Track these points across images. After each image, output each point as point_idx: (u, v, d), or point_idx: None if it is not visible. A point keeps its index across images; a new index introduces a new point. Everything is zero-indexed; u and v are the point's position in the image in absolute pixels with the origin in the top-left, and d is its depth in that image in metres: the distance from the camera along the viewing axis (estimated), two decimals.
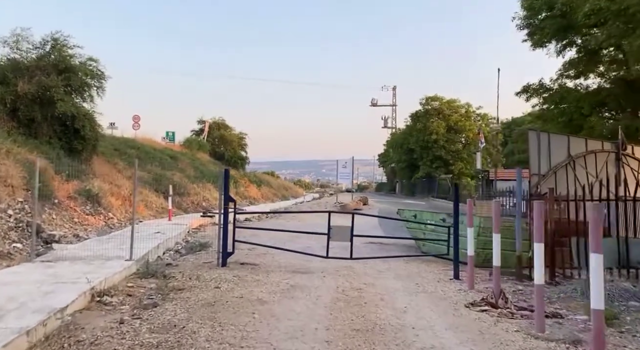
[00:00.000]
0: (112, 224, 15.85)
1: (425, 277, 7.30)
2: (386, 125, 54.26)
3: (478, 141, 27.05)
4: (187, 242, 11.66)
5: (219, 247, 7.63)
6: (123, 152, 22.54)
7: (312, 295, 5.72)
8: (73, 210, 15.02)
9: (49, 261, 7.32)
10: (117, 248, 8.38)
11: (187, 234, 13.33)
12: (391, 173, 49.83)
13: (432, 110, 37.24)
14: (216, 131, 45.72)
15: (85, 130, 17.51)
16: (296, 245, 10.81)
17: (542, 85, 17.70)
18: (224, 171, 7.61)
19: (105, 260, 7.46)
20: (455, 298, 6.04)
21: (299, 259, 8.44)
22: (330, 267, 7.83)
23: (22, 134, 16.30)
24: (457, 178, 34.69)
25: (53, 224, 13.44)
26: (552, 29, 13.75)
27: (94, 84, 18.59)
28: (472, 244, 6.61)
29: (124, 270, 6.70)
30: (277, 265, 8.05)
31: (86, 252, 8.14)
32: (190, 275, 6.80)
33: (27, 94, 16.29)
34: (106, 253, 8.01)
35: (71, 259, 7.54)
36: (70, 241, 12.73)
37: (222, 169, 8.05)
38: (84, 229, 14.29)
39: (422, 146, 36.75)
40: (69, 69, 17.56)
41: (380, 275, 7.37)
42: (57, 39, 17.92)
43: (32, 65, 17.07)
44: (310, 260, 8.24)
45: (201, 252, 9.64)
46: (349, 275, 7.15)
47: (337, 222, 11.56)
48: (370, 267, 7.84)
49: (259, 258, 8.74)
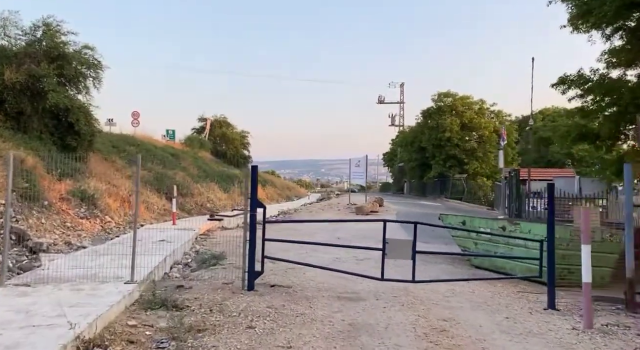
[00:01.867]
0: (109, 229, 14.23)
1: (510, 306, 5.70)
2: (393, 123, 52.72)
3: (499, 138, 25.48)
4: (197, 252, 10.03)
5: (244, 264, 6.00)
6: (122, 150, 20.89)
7: (388, 343, 4.09)
8: (65, 213, 13.38)
9: (26, 284, 5.69)
10: (114, 263, 6.76)
11: (195, 241, 11.71)
12: (399, 172, 48.19)
13: (445, 106, 35.65)
14: (218, 129, 44.12)
15: (79, 124, 15.88)
16: (324, 258, 9.21)
17: (581, 76, 16.02)
18: (250, 169, 5.99)
19: (100, 283, 5.83)
20: (583, 347, 4.35)
21: (337, 277, 6.84)
22: (381, 289, 6.23)
23: (8, 128, 14.69)
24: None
25: (42, 230, 11.80)
26: (613, 8, 12.13)
27: (89, 74, 16.97)
28: (588, 267, 5.02)
29: (124, 300, 5.09)
30: (314, 287, 6.42)
31: (76, 269, 6.51)
32: (210, 305, 5.19)
33: (15, 83, 14.66)
34: (101, 272, 6.38)
35: (56, 280, 5.91)
36: (61, 250, 11.10)
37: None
38: (77, 235, 12.67)
39: (434, 144, 35.11)
40: (62, 56, 15.92)
41: (450, 303, 5.76)
42: (49, 24, 16.27)
43: (21, 52, 15.42)
44: (351, 279, 6.64)
45: (216, 266, 8.01)
46: (413, 304, 5.55)
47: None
48: (431, 290, 6.24)
49: (289, 275, 7.12)
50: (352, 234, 14.43)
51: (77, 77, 16.55)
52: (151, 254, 7.28)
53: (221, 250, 9.84)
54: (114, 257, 7.54)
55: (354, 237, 14.05)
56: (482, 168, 34.26)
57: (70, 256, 8.16)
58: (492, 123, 35.70)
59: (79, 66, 16.61)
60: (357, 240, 13.94)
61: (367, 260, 9.18)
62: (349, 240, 13.85)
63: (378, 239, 13.94)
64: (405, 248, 5.69)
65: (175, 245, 9.15)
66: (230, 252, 9.86)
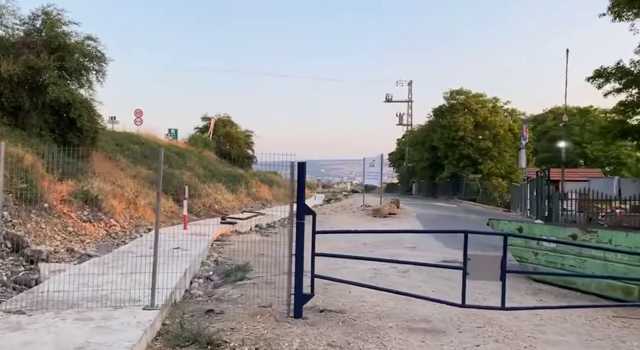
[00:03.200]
0: (114, 233, 13.12)
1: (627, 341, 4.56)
2: (401, 122, 51.45)
3: (520, 137, 24.36)
4: (216, 262, 8.90)
5: (289, 285, 4.87)
6: (126, 148, 19.78)
7: None
8: (67, 216, 12.25)
9: (20, 311, 4.56)
10: (127, 280, 5.64)
11: (211, 248, 10.59)
12: (407, 173, 47.01)
13: (458, 104, 34.48)
14: (221, 128, 43.01)
15: (82, 120, 14.79)
16: (360, 270, 8.06)
17: (620, 69, 14.98)
18: (296, 165, 4.87)
19: (112, 309, 4.70)
20: None
21: (393, 297, 5.71)
22: (455, 315, 5.09)
23: (5, 124, 13.59)
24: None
25: (41, 235, 10.67)
26: None
27: (92, 67, 15.86)
28: None
29: (145, 335, 3.96)
30: (372, 312, 5.28)
31: (82, 288, 5.37)
32: (254, 340, 4.06)
33: (13, 75, 13.55)
34: (112, 292, 5.25)
35: (57, 304, 4.78)
36: (62, 258, 9.97)
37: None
38: (80, 241, 11.54)
39: (447, 144, 33.90)
40: (63, 47, 14.81)
41: (547, 334, 4.60)
42: (49, 12, 15.17)
43: (19, 41, 14.30)
44: (412, 301, 5.52)
45: (243, 281, 6.88)
46: (507, 338, 4.40)
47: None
48: (515, 317, 5.10)
49: (332, 294, 5.98)
50: (377, 238, 13.32)
51: (79, 70, 15.45)
52: (168, 266, 6.13)
53: (244, 260, 8.72)
54: (125, 270, 6.42)
55: (382, 242, 12.95)
56: (496, 168, 33.07)
57: (73, 269, 7.03)
58: (507, 121, 34.52)
59: (81, 58, 15.51)
60: (385, 246, 12.83)
61: (411, 272, 8.05)
62: (375, 246, 12.73)
63: (405, 245, 12.97)
64: (492, 266, 4.56)
65: (193, 255, 8.01)
66: (254, 261, 8.74)
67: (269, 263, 7.58)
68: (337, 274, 6.41)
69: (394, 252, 11.71)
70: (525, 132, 24.07)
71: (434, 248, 12.40)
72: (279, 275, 7.35)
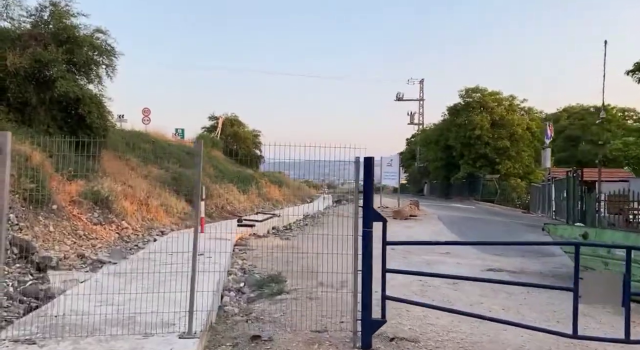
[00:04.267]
0: (126, 236, 12.31)
1: None
2: (412, 121, 50.39)
3: (544, 135, 23.41)
4: (243, 270, 8.05)
5: (355, 308, 4.01)
6: (137, 147, 18.99)
7: None
8: (77, 218, 11.45)
9: (30, 341, 3.72)
10: (153, 294, 4.79)
11: (233, 253, 9.75)
12: (418, 173, 46.03)
13: (474, 102, 33.48)
14: (229, 128, 42.27)
15: (92, 117, 14.00)
16: (400, 281, 7.18)
17: None
18: (363, 161, 4.02)
19: (142, 337, 3.86)
20: None
21: (466, 320, 4.86)
22: (545, 346, 4.24)
23: (12, 120, 12.81)
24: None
25: (50, 240, 9.86)
26: None
27: (102, 61, 15.08)
28: None
29: None
30: (450, 340, 4.42)
31: (102, 307, 4.54)
32: None
33: (19, 69, 12.78)
34: (137, 312, 4.40)
35: (74, 329, 3.95)
36: (73, 265, 9.14)
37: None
38: (90, 245, 10.73)
39: (463, 143, 32.93)
40: (72, 40, 14.04)
41: None
42: (57, 4, 14.40)
43: (25, 33, 13.53)
44: (485, 322, 4.66)
45: (281, 295, 6.03)
46: None
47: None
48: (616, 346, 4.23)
49: (392, 314, 5.11)
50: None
51: (89, 64, 14.68)
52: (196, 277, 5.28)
53: (273, 269, 7.87)
54: (148, 284, 5.57)
55: (412, 247, 12.08)
56: (514, 168, 32.06)
57: (89, 283, 6.19)
58: (524, 120, 33.51)
59: (90, 52, 14.74)
60: (418, 251, 11.88)
61: (462, 283, 7.17)
62: (408, 251, 11.84)
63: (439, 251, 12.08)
64: (612, 287, 3.70)
65: (220, 263, 7.17)
66: (284, 270, 7.90)
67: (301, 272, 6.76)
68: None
69: (430, 258, 10.86)
70: (550, 131, 23.13)
71: (469, 254, 11.54)
72: (319, 288, 6.50)
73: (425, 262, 10.15)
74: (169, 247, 8.12)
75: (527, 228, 17.57)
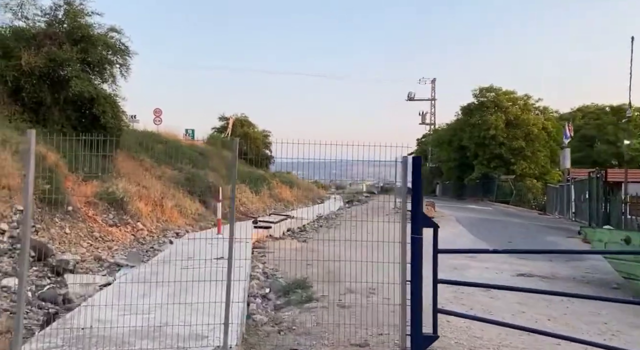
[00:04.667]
0: (141, 238, 12.11)
1: None
2: (424, 121, 49.89)
3: (563, 135, 22.84)
4: (265, 274, 7.76)
5: (403, 320, 3.70)
6: (151, 147, 18.81)
7: None
8: (92, 220, 11.26)
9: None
10: (180, 302, 4.51)
11: (252, 256, 9.47)
12: (430, 173, 45.54)
13: (488, 102, 32.95)
14: (239, 128, 42.17)
15: (106, 117, 13.80)
16: None
17: None
18: (410, 160, 3.71)
19: None
20: None
21: (509, 331, 4.53)
22: None
23: (26, 120, 12.68)
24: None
25: (66, 242, 9.66)
26: None
27: (116, 60, 14.89)
28: None
29: None
30: None
31: (126, 316, 4.26)
32: None
33: (34, 68, 12.63)
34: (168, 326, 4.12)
35: (100, 341, 3.68)
36: (90, 268, 8.93)
37: None
38: (107, 248, 10.52)
39: (477, 143, 32.41)
40: (86, 39, 13.86)
41: None
42: (72, 2, 14.23)
43: (40, 32, 13.38)
44: (530, 333, 4.32)
45: (311, 303, 5.73)
46: None
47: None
48: None
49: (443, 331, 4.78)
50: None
51: (103, 63, 14.49)
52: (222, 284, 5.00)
53: (296, 273, 7.57)
54: (173, 291, 5.29)
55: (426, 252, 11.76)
56: (530, 169, 31.48)
57: (109, 290, 5.93)
58: (540, 120, 32.90)
59: (104, 51, 14.56)
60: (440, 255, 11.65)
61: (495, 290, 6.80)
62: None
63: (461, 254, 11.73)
64: None
65: (243, 267, 6.87)
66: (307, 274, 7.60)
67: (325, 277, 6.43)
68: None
69: (455, 262, 10.49)
70: (569, 130, 22.57)
71: (495, 258, 11.15)
72: (349, 295, 6.20)
73: (452, 266, 9.78)
74: (188, 251, 7.86)
75: (548, 230, 17.11)
